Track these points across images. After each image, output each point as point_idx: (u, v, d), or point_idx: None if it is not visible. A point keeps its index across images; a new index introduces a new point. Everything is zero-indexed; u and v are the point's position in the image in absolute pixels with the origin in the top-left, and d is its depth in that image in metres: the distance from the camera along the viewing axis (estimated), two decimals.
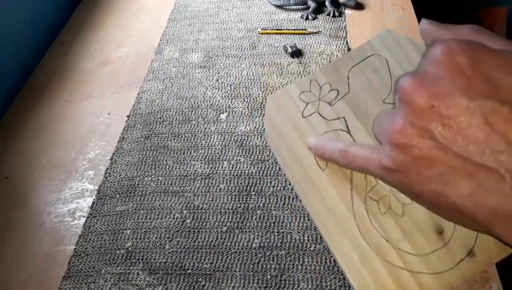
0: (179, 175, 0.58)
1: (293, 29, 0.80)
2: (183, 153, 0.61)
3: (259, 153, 0.60)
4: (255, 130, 0.63)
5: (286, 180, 0.56)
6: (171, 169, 0.59)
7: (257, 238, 0.51)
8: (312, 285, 0.46)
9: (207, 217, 0.53)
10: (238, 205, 0.54)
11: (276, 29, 0.80)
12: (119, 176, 0.59)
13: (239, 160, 0.59)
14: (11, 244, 0.54)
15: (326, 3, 0.83)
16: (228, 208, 0.54)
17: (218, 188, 0.56)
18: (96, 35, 0.86)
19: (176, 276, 0.49)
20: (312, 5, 0.83)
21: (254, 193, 0.55)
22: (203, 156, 0.60)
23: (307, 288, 0.46)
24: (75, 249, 0.52)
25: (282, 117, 0.35)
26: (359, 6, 0.83)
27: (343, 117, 0.34)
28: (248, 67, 0.73)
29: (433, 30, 0.26)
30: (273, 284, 0.47)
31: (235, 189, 0.56)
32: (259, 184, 0.56)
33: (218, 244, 0.51)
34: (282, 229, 0.51)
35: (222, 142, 0.62)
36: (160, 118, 0.67)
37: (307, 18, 0.82)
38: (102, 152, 0.63)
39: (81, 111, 0.71)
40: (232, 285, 0.47)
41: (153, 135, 0.64)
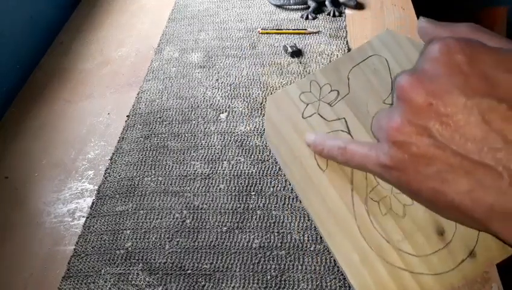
0: (179, 175, 0.58)
1: (293, 29, 0.79)
2: (183, 153, 0.61)
3: (259, 153, 0.59)
4: (255, 130, 0.63)
5: (286, 180, 0.56)
6: (170, 169, 0.59)
7: (257, 239, 0.51)
8: (312, 285, 0.46)
9: (207, 217, 0.53)
10: (238, 205, 0.54)
11: (276, 29, 0.80)
12: (119, 176, 0.59)
13: (239, 160, 0.59)
14: (11, 244, 0.54)
15: (327, 3, 0.83)
16: (228, 208, 0.54)
17: (218, 188, 0.56)
18: (96, 35, 0.86)
19: (176, 276, 0.48)
20: (312, 4, 0.82)
21: (254, 193, 0.55)
22: (203, 156, 0.60)
23: (307, 288, 0.46)
24: (74, 250, 0.52)
25: (282, 117, 0.35)
26: (359, 6, 0.83)
27: (344, 118, 0.34)
28: (248, 67, 0.73)
29: (431, 28, 0.26)
30: (273, 285, 0.47)
31: (235, 189, 0.56)
32: (259, 184, 0.56)
33: (218, 245, 0.51)
34: (282, 229, 0.51)
35: (222, 142, 0.62)
36: (160, 117, 0.67)
37: (307, 18, 0.81)
38: (102, 152, 0.63)
39: (81, 111, 0.71)
40: (232, 285, 0.47)
41: (153, 135, 0.64)
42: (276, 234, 0.51)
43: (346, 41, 0.76)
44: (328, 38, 0.77)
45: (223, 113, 0.66)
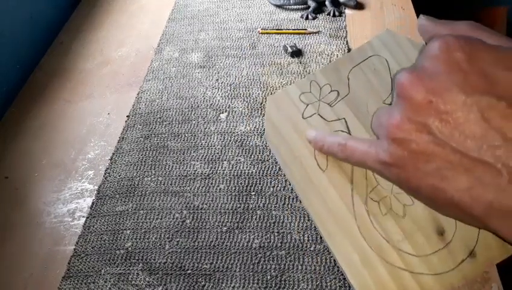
0: (179, 175, 0.58)
1: (293, 29, 0.79)
2: (183, 153, 0.61)
3: (259, 153, 0.59)
4: (255, 130, 0.63)
5: (286, 180, 0.56)
6: (170, 169, 0.59)
7: (257, 239, 0.51)
8: (312, 285, 0.46)
9: (207, 217, 0.53)
10: (238, 205, 0.54)
11: (276, 29, 0.80)
12: (119, 176, 0.59)
13: (239, 160, 0.59)
14: (11, 244, 0.54)
15: (327, 3, 0.83)
16: (228, 208, 0.54)
17: (218, 188, 0.56)
18: (96, 35, 0.86)
19: (176, 276, 0.48)
20: (312, 4, 0.82)
21: (254, 193, 0.55)
22: (203, 156, 0.60)
23: (307, 288, 0.46)
24: (74, 250, 0.52)
25: (282, 118, 0.35)
26: (359, 6, 0.83)
27: (344, 118, 0.34)
28: (248, 67, 0.73)
29: (431, 26, 0.26)
30: (273, 285, 0.47)
31: (235, 189, 0.56)
32: (259, 184, 0.56)
33: (218, 245, 0.51)
34: (282, 229, 0.51)
35: (222, 142, 0.62)
36: (160, 118, 0.67)
37: (307, 18, 0.82)
38: (102, 152, 0.63)
39: (81, 111, 0.71)
40: (232, 285, 0.47)
41: (153, 135, 0.64)
42: (276, 234, 0.51)
43: (346, 41, 0.76)
44: (328, 38, 0.77)
45: (223, 113, 0.66)
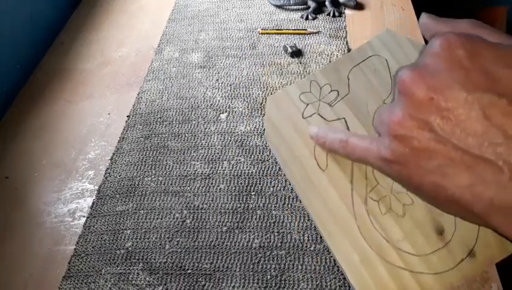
0: (179, 175, 0.58)
1: (293, 29, 0.80)
2: (183, 153, 0.61)
3: (259, 153, 0.60)
4: (255, 130, 0.63)
5: (286, 180, 0.56)
6: (171, 169, 0.59)
7: (257, 238, 0.51)
8: (312, 285, 0.46)
9: (207, 217, 0.53)
10: (238, 205, 0.54)
11: (276, 29, 0.80)
12: (119, 176, 0.59)
13: (239, 160, 0.59)
14: (11, 244, 0.54)
15: (326, 3, 0.83)
16: (228, 208, 0.54)
17: (218, 188, 0.56)
18: (96, 36, 0.86)
19: (176, 276, 0.49)
20: (312, 5, 0.83)
21: (254, 193, 0.55)
22: (203, 156, 0.60)
23: (307, 288, 0.46)
24: (75, 249, 0.52)
25: (282, 118, 0.35)
26: (359, 6, 0.83)
27: (344, 118, 0.34)
28: (248, 67, 0.73)
29: (433, 24, 0.26)
30: (273, 284, 0.47)
31: (235, 189, 0.56)
32: (259, 184, 0.56)
33: (218, 244, 0.51)
34: (282, 229, 0.51)
35: (222, 142, 0.62)
36: (160, 118, 0.67)
37: (307, 18, 0.82)
38: (102, 152, 0.63)
39: (81, 111, 0.71)
40: (232, 285, 0.47)
41: (153, 135, 0.64)
42: (276, 233, 0.51)
43: (346, 41, 0.76)
44: (328, 38, 0.77)
45: (223, 113, 0.66)
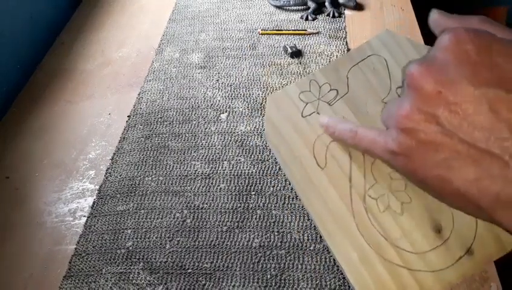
0: (179, 175, 0.58)
1: (293, 30, 0.80)
2: (183, 153, 0.61)
3: (259, 153, 0.60)
4: (255, 130, 0.63)
5: (286, 180, 0.56)
6: (171, 169, 0.59)
7: (257, 238, 0.51)
8: (312, 284, 0.46)
9: (207, 216, 0.54)
10: (238, 205, 0.54)
11: (276, 30, 0.80)
12: (120, 175, 0.60)
13: (239, 160, 0.59)
14: (11, 244, 0.54)
15: (326, 4, 0.83)
16: (228, 208, 0.54)
17: (219, 188, 0.56)
18: (97, 36, 0.86)
19: (177, 275, 0.49)
20: (312, 5, 0.83)
21: (254, 193, 0.55)
22: (204, 156, 0.60)
23: (307, 287, 0.46)
24: (75, 249, 0.52)
25: (282, 117, 0.35)
26: (359, 7, 0.83)
27: (343, 116, 0.34)
28: (248, 68, 0.73)
29: (443, 20, 0.26)
30: (273, 284, 0.47)
31: (235, 189, 0.56)
32: (259, 184, 0.56)
33: (218, 244, 0.51)
34: (282, 228, 0.51)
35: (222, 142, 0.62)
36: (160, 118, 0.67)
37: (307, 19, 0.82)
38: (103, 152, 0.64)
39: (82, 111, 0.71)
40: (232, 284, 0.47)
41: (154, 135, 0.64)
42: (276, 233, 0.51)
43: (346, 42, 0.76)
44: (328, 39, 0.77)
45: (223, 113, 0.66)
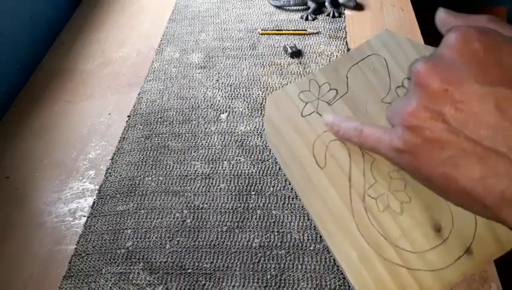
0: (179, 175, 0.58)
1: (293, 30, 0.80)
2: (183, 153, 0.61)
3: (259, 153, 0.60)
4: (255, 130, 0.63)
5: (286, 180, 0.56)
6: (171, 169, 0.59)
7: (257, 238, 0.51)
8: (312, 284, 0.46)
9: (207, 216, 0.54)
10: (238, 205, 0.54)
11: (276, 30, 0.80)
12: (120, 175, 0.60)
13: (239, 160, 0.59)
14: (11, 244, 0.54)
15: (326, 4, 0.83)
16: (228, 208, 0.54)
17: (219, 188, 0.56)
18: (97, 36, 0.86)
19: (177, 275, 0.49)
20: (312, 5, 0.83)
21: (254, 193, 0.55)
22: (204, 156, 0.60)
23: (307, 287, 0.46)
24: (75, 249, 0.52)
25: (282, 117, 0.35)
26: (359, 7, 0.83)
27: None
28: (248, 68, 0.73)
29: (449, 19, 0.26)
30: (273, 284, 0.47)
31: (235, 189, 0.56)
32: (259, 184, 0.56)
33: (218, 244, 0.51)
34: (282, 228, 0.51)
35: (222, 142, 0.62)
36: (160, 118, 0.67)
37: (307, 19, 0.82)
38: (103, 152, 0.64)
39: (82, 111, 0.71)
40: (232, 284, 0.47)
41: (154, 135, 0.64)
42: (276, 233, 0.51)
43: (346, 42, 0.76)
44: (328, 39, 0.77)
45: (223, 113, 0.66)
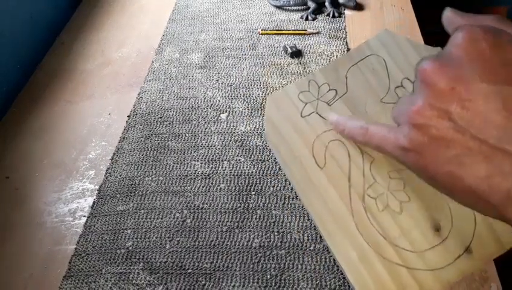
0: (179, 175, 0.59)
1: (293, 30, 0.80)
2: (183, 153, 0.61)
3: (259, 153, 0.60)
4: (255, 130, 0.63)
5: (286, 180, 0.56)
6: (171, 169, 0.59)
7: (257, 238, 0.51)
8: (312, 284, 0.46)
9: (207, 216, 0.54)
10: (238, 205, 0.54)
11: (276, 30, 0.80)
12: (120, 175, 0.60)
13: (239, 160, 0.59)
14: (11, 244, 0.54)
15: (326, 4, 0.83)
16: (228, 208, 0.54)
17: (219, 188, 0.56)
18: (97, 36, 0.86)
19: (176, 275, 0.49)
20: (312, 5, 0.83)
21: (254, 193, 0.55)
22: (204, 156, 0.60)
23: (307, 287, 0.46)
24: (75, 249, 0.52)
25: (282, 117, 0.35)
26: (359, 7, 0.83)
27: None
28: (248, 68, 0.73)
29: (456, 18, 0.26)
30: (273, 284, 0.47)
31: (235, 189, 0.56)
32: (259, 184, 0.56)
33: (218, 244, 0.51)
34: (282, 228, 0.51)
35: (222, 142, 0.62)
36: (160, 118, 0.67)
37: (307, 18, 0.82)
38: (102, 152, 0.64)
39: (82, 111, 0.71)
40: (232, 284, 0.47)
41: (154, 135, 0.64)
42: (276, 233, 0.51)
43: (346, 42, 0.76)
44: (328, 39, 0.77)
45: (223, 113, 0.66)
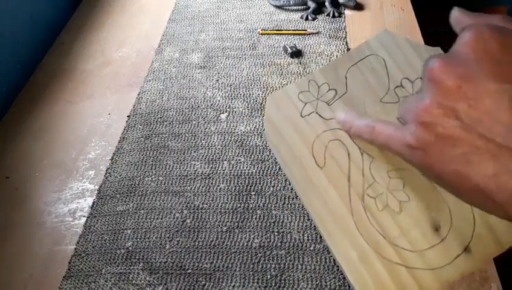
0: (179, 175, 0.58)
1: (293, 30, 0.80)
2: (183, 153, 0.61)
3: (259, 153, 0.60)
4: (255, 130, 0.63)
5: (286, 180, 0.56)
6: (171, 169, 0.59)
7: (257, 238, 0.51)
8: (312, 284, 0.46)
9: (207, 217, 0.53)
10: (238, 205, 0.54)
11: (276, 30, 0.80)
12: (120, 176, 0.60)
13: (239, 160, 0.59)
14: (11, 244, 0.54)
15: (326, 4, 0.83)
16: (228, 208, 0.54)
17: (218, 188, 0.56)
18: (97, 36, 0.86)
19: (176, 276, 0.49)
20: (312, 5, 0.83)
21: (254, 193, 0.55)
22: (203, 156, 0.60)
23: (307, 288, 0.46)
24: (75, 249, 0.52)
25: (282, 117, 0.35)
26: (359, 7, 0.83)
27: None
28: (248, 68, 0.73)
29: (464, 18, 0.26)
30: (273, 284, 0.47)
31: (235, 189, 0.56)
32: (259, 184, 0.56)
33: (218, 244, 0.51)
34: (282, 228, 0.51)
35: (222, 142, 0.62)
36: (160, 118, 0.67)
37: (307, 18, 0.82)
38: (102, 152, 0.64)
39: (82, 111, 0.71)
40: (232, 284, 0.47)
41: (153, 135, 0.64)
42: (276, 233, 0.51)
43: (346, 42, 0.76)
44: (328, 38, 0.77)
45: (223, 113, 0.66)
